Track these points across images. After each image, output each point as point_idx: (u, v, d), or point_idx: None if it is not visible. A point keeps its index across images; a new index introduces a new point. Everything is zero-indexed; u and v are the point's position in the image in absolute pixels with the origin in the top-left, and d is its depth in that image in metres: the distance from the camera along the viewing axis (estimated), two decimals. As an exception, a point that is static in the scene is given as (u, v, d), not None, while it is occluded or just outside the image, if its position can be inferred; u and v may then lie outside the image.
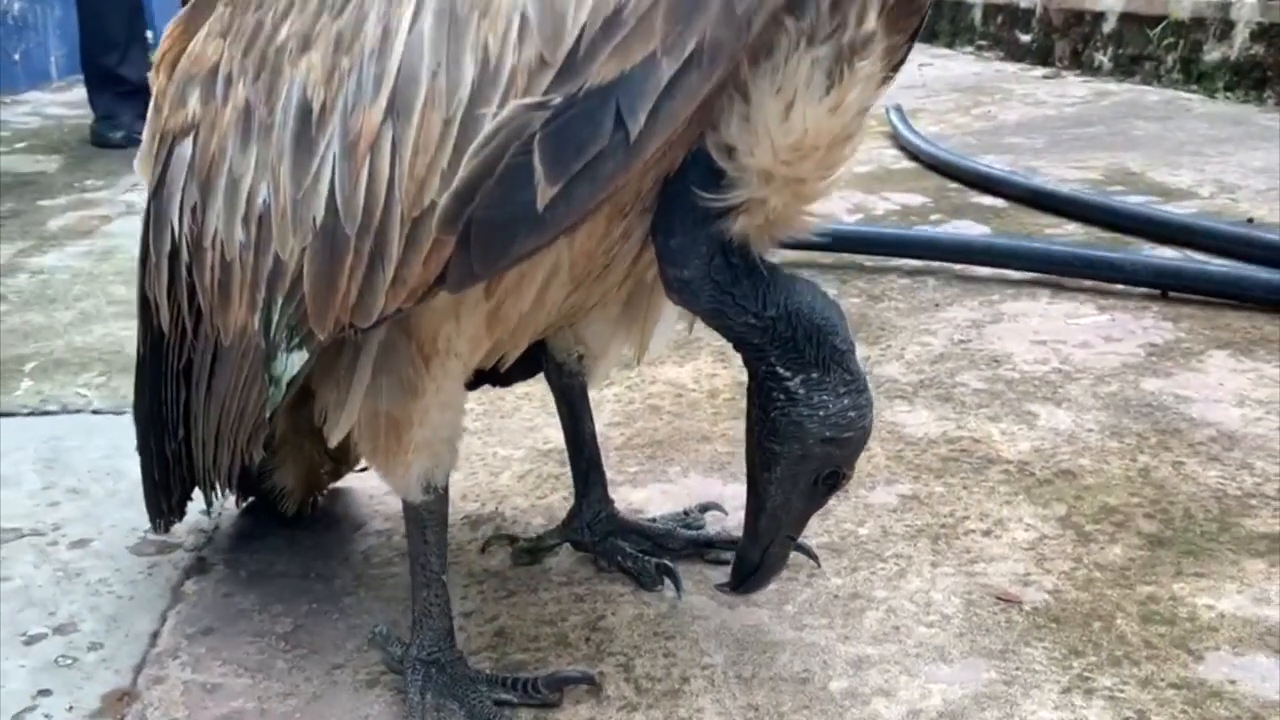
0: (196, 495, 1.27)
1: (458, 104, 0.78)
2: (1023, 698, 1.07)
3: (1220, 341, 1.94)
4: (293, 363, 0.94)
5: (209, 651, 1.18)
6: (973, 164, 3.15)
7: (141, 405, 1.24)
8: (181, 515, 1.31)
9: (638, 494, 1.49)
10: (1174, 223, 2.53)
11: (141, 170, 1.14)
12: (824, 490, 1.02)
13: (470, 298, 0.94)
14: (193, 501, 1.30)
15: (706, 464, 1.57)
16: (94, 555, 1.37)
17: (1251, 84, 4.30)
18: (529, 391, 1.71)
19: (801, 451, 0.98)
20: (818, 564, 1.28)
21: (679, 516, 1.38)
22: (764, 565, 1.06)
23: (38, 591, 1.29)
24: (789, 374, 0.97)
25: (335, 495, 1.50)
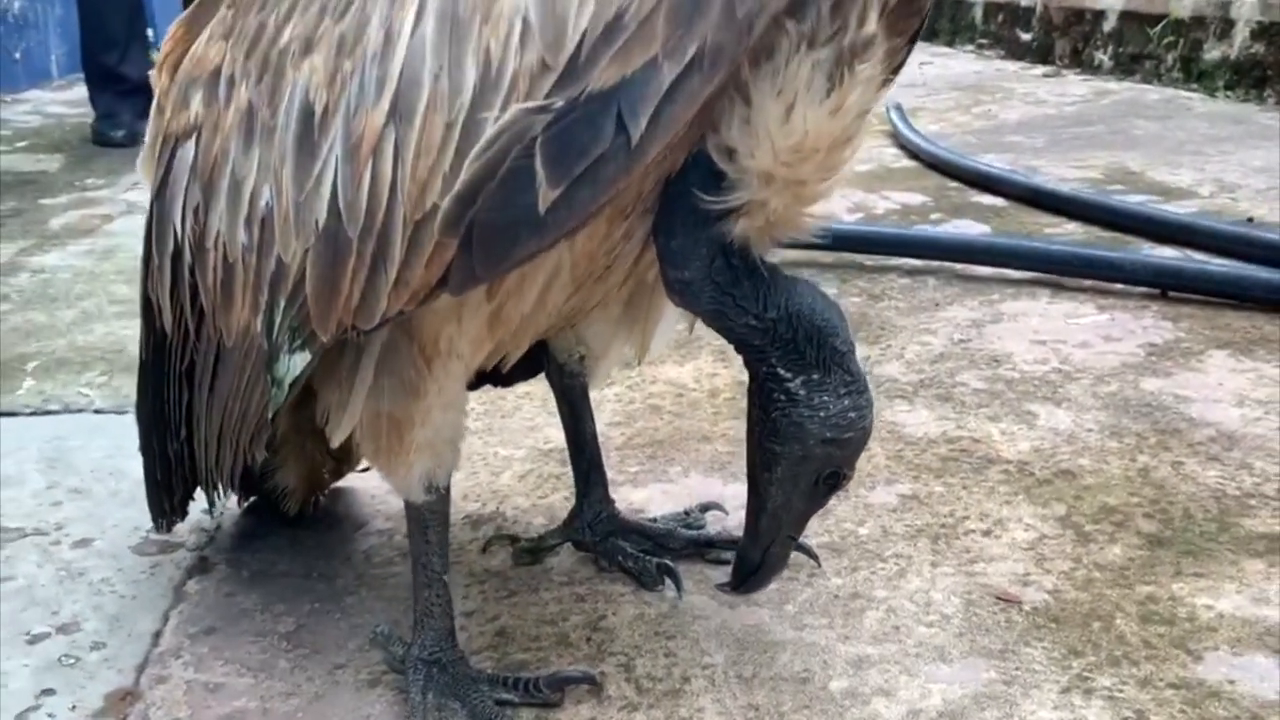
0: (199, 495, 1.28)
1: (460, 107, 0.79)
2: (1022, 697, 1.08)
3: (1220, 341, 1.94)
4: (295, 364, 0.94)
5: (211, 651, 1.19)
6: (973, 163, 3.15)
7: (144, 405, 1.24)
8: (184, 515, 1.31)
9: (638, 494, 1.49)
10: (1174, 222, 2.53)
11: (144, 171, 1.14)
12: (825, 490, 1.02)
13: (472, 299, 0.94)
14: (195, 501, 1.30)
15: (707, 463, 1.57)
16: (96, 555, 1.38)
17: (1252, 83, 4.30)
18: (530, 391, 1.71)
19: (802, 452, 0.98)
20: (818, 564, 1.28)
21: (680, 516, 1.38)
22: (765, 565, 1.06)
23: (41, 591, 1.30)
24: (790, 375, 0.97)
25: (337, 494, 1.50)
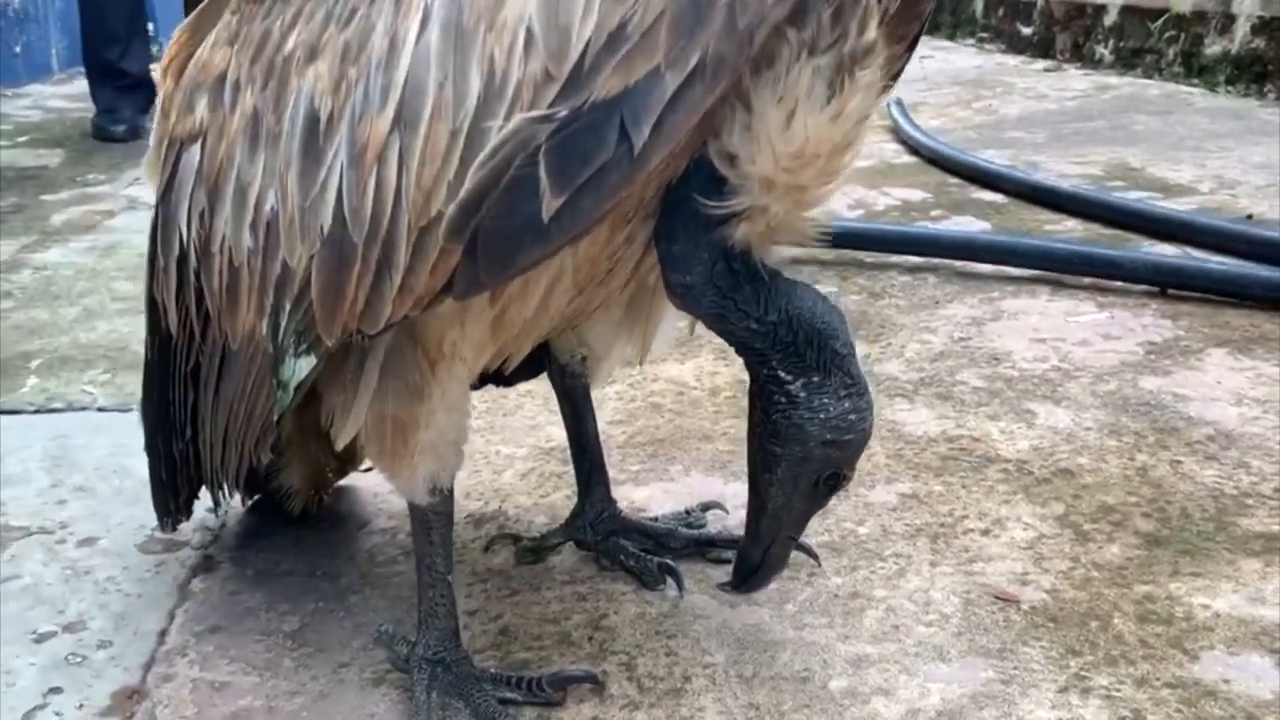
0: (203, 494, 1.29)
1: (464, 116, 0.80)
2: (1020, 697, 1.09)
3: (1219, 340, 1.95)
4: (300, 368, 0.95)
5: (217, 650, 1.20)
6: (973, 159, 3.16)
7: (149, 406, 1.25)
8: (189, 514, 1.32)
9: (640, 492, 1.50)
10: (1174, 219, 2.54)
11: (149, 174, 1.15)
12: (825, 491, 1.03)
13: (475, 304, 0.95)
14: (199, 500, 1.31)
15: (708, 462, 1.58)
16: (102, 553, 1.39)
17: (1252, 78, 4.30)
18: (531, 389, 1.72)
19: (802, 454, 0.99)
20: (818, 563, 1.29)
21: (681, 515, 1.39)
22: (765, 565, 1.07)
23: (47, 589, 1.31)
24: (790, 377, 0.98)
25: (340, 493, 1.51)
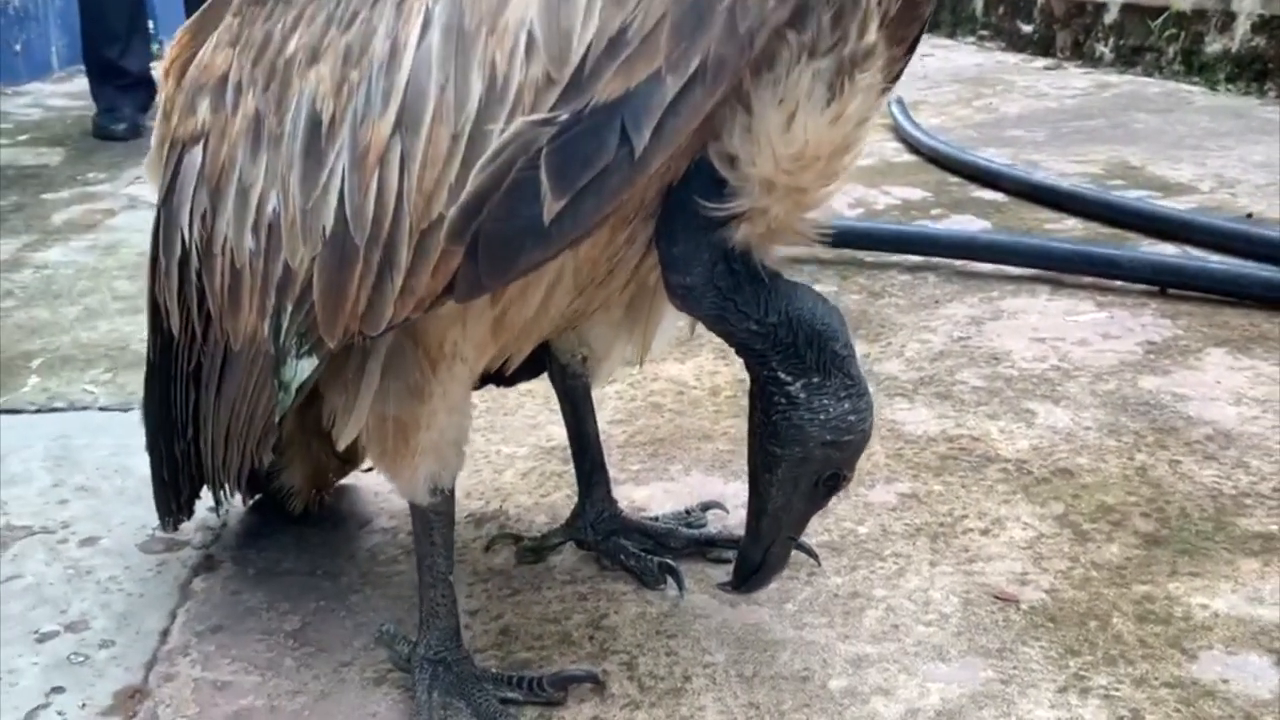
0: (205, 494, 1.29)
1: (465, 119, 0.80)
2: (1019, 696, 1.09)
3: (1218, 339, 1.95)
4: (302, 369, 0.95)
5: (218, 649, 1.20)
6: (973, 158, 3.15)
7: (151, 406, 1.26)
8: (190, 514, 1.33)
9: (640, 492, 1.50)
10: (1173, 219, 2.54)
11: (150, 176, 1.15)
12: (824, 492, 1.04)
13: (476, 305, 0.96)
14: (201, 500, 1.31)
15: (708, 462, 1.58)
16: (103, 553, 1.39)
17: (1253, 76, 4.30)
18: (532, 389, 1.72)
19: (802, 454, 1.00)
20: (818, 563, 1.30)
21: (681, 515, 1.39)
22: (765, 565, 1.08)
23: (49, 589, 1.31)
24: (790, 379, 0.98)
25: (341, 492, 1.51)
